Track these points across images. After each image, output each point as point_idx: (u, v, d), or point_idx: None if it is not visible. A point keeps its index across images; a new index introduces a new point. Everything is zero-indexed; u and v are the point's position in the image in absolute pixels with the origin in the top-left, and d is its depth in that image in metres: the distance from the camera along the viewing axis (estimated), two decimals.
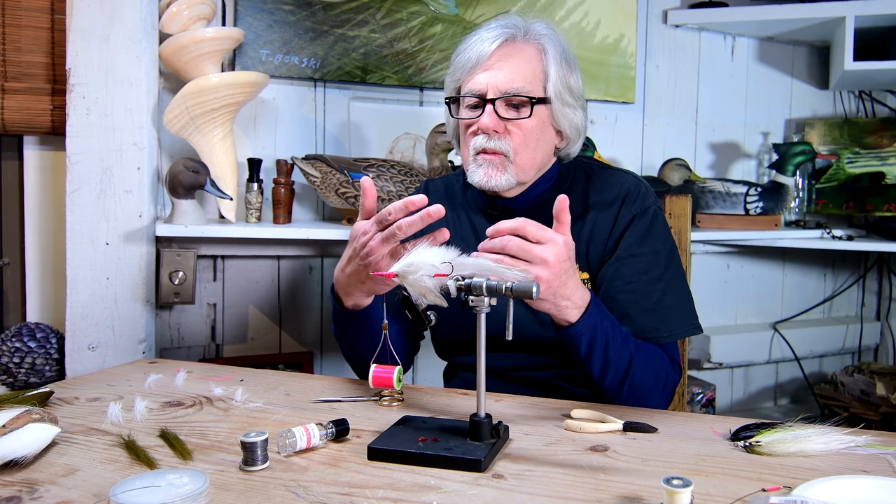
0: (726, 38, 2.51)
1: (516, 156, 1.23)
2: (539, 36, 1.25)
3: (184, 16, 1.72)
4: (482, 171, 1.23)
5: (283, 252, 2.05)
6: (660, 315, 1.22)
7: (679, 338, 1.24)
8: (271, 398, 1.16)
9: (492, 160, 1.22)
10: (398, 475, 0.85)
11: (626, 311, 1.21)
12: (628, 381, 1.14)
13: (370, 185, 1.11)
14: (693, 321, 1.25)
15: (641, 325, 1.21)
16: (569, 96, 1.26)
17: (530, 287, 0.88)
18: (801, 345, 2.55)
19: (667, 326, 1.22)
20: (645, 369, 1.15)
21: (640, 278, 1.22)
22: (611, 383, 1.13)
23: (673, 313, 1.23)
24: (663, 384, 1.19)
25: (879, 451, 0.92)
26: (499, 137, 1.22)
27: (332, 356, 2.14)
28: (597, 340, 1.09)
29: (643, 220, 1.25)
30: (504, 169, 1.23)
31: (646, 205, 1.27)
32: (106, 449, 0.93)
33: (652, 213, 1.26)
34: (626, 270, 1.23)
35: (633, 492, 0.80)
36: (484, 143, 1.22)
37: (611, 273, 1.24)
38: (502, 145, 1.22)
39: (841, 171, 2.39)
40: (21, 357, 1.65)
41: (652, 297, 1.22)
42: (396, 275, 0.94)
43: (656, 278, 1.23)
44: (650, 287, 1.22)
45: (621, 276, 1.23)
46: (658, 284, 1.23)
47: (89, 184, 1.66)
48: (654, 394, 1.18)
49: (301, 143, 2.03)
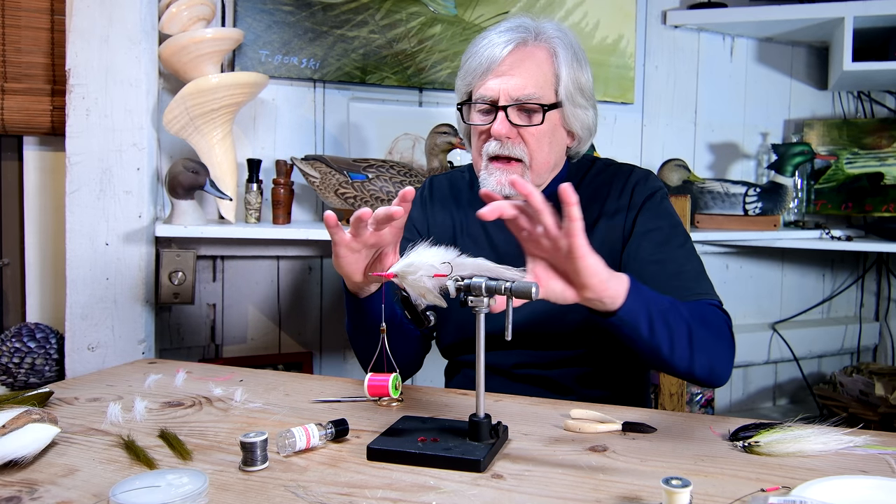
0: (725, 39, 2.51)
1: (531, 160, 1.23)
2: (550, 38, 1.24)
3: (183, 16, 1.72)
4: (494, 180, 1.22)
5: (282, 252, 2.05)
6: (692, 276, 1.20)
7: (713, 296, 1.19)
8: (271, 398, 1.16)
9: (507, 168, 1.22)
10: (397, 475, 0.85)
11: (658, 281, 1.15)
12: (696, 344, 1.05)
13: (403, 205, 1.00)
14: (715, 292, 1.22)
15: (675, 286, 1.16)
16: (580, 97, 1.26)
17: (529, 287, 0.88)
18: (799, 345, 2.55)
19: (701, 286, 1.19)
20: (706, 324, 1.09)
21: (662, 248, 1.23)
22: (681, 353, 1.05)
23: (702, 277, 1.21)
24: (728, 332, 1.13)
25: (878, 452, 0.92)
26: (512, 144, 1.22)
27: (332, 356, 2.14)
28: (654, 314, 1.01)
29: (655, 200, 1.27)
30: (521, 175, 1.23)
31: (654, 187, 1.29)
32: (105, 449, 0.93)
33: (660, 195, 1.29)
34: (648, 244, 1.23)
35: (632, 492, 0.80)
36: (497, 150, 1.22)
37: (633, 250, 1.24)
38: (517, 151, 1.22)
39: (840, 171, 2.40)
40: (21, 357, 1.65)
41: (678, 262, 1.21)
42: (396, 275, 0.94)
43: (678, 245, 1.23)
44: (674, 253, 1.22)
45: (644, 249, 1.23)
46: (681, 251, 1.23)
47: (89, 184, 1.66)
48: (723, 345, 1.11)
49: (300, 144, 2.03)
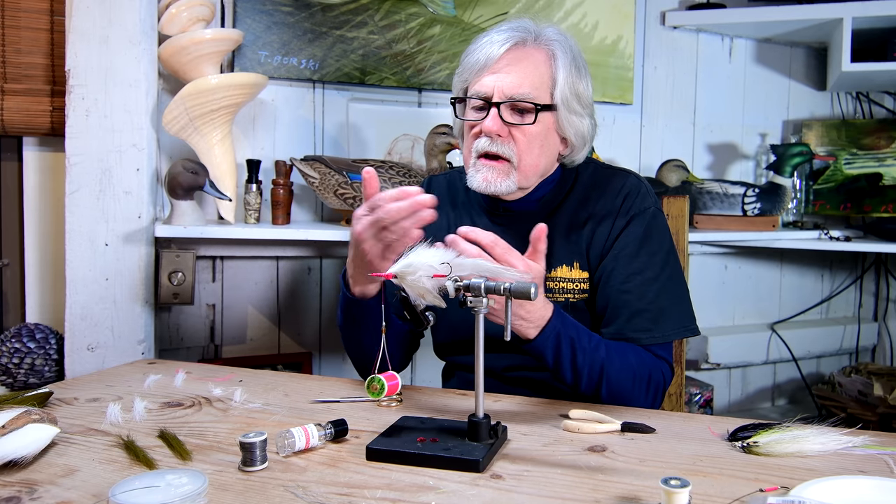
0: (724, 40, 2.51)
1: (520, 161, 1.22)
2: (549, 41, 1.24)
3: (183, 17, 1.72)
4: (481, 176, 1.23)
5: (281, 253, 2.05)
6: (653, 316, 1.22)
7: (671, 339, 1.25)
8: (270, 399, 1.16)
9: (494, 166, 1.22)
10: (397, 475, 0.85)
11: (620, 311, 1.22)
12: (605, 385, 1.15)
13: (371, 175, 1.11)
14: (688, 323, 1.26)
15: (633, 326, 1.22)
16: (576, 104, 1.25)
17: (528, 287, 0.88)
18: (798, 345, 2.55)
19: (659, 328, 1.22)
20: (621, 372, 1.16)
21: (634, 279, 1.23)
22: (586, 388, 1.15)
23: (667, 315, 1.23)
24: (646, 385, 1.20)
25: (877, 452, 0.92)
26: (502, 142, 1.21)
27: (331, 357, 2.14)
28: (562, 351, 1.12)
29: (641, 220, 1.26)
30: (507, 175, 1.23)
31: (645, 205, 1.27)
32: (105, 449, 0.94)
33: (651, 214, 1.27)
34: (622, 270, 1.23)
35: (631, 492, 0.81)
36: (486, 147, 1.22)
37: (608, 270, 1.24)
38: (506, 150, 1.22)
39: (838, 172, 2.40)
40: (20, 358, 1.65)
41: (646, 298, 1.22)
42: (395, 276, 0.94)
43: (651, 279, 1.23)
44: (645, 288, 1.23)
45: (617, 275, 1.23)
46: (653, 285, 1.23)
47: (89, 185, 1.66)
48: (636, 395, 1.18)
49: (300, 145, 2.03)
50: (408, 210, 1.04)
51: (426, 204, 1.05)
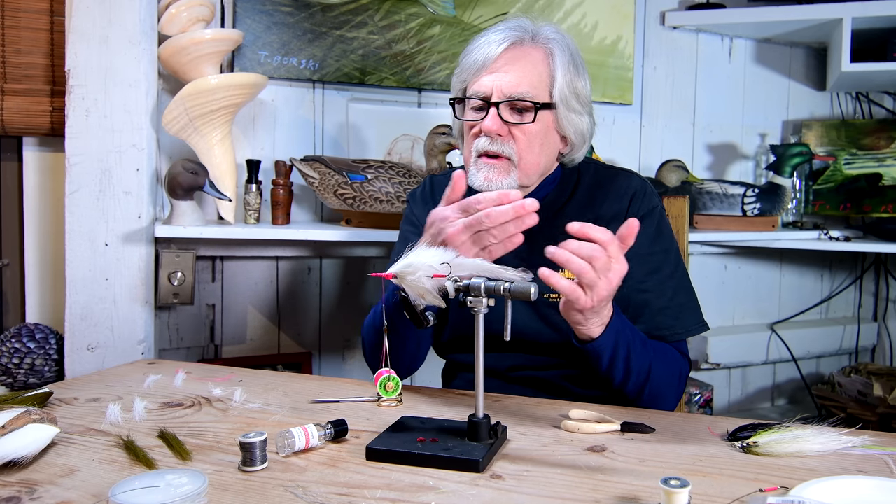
0: (724, 40, 2.51)
1: (520, 160, 1.22)
2: (547, 40, 1.24)
3: (183, 17, 1.72)
4: (482, 175, 1.23)
5: (281, 253, 2.05)
6: (674, 313, 1.24)
7: (693, 334, 1.25)
8: (270, 399, 1.16)
9: (495, 164, 1.22)
10: (396, 475, 0.85)
11: (641, 311, 1.23)
12: (648, 386, 1.16)
13: (461, 177, 1.11)
14: (702, 318, 1.28)
15: (657, 324, 1.23)
16: (575, 102, 1.25)
17: (528, 288, 0.88)
18: (798, 345, 2.55)
19: (681, 324, 1.24)
20: (663, 372, 1.17)
21: (651, 277, 1.24)
22: (632, 389, 1.15)
23: (685, 310, 1.25)
24: (678, 381, 1.22)
25: (876, 452, 0.92)
26: (502, 141, 1.21)
27: (331, 357, 2.14)
28: (619, 352, 1.11)
29: (651, 220, 1.27)
30: (507, 173, 1.22)
31: (652, 204, 1.29)
32: (105, 449, 0.94)
33: (658, 213, 1.29)
34: (638, 270, 1.22)
35: (630, 492, 0.81)
36: (486, 146, 1.22)
37: None
38: (506, 149, 1.22)
39: (838, 172, 2.40)
40: (20, 358, 1.65)
41: (665, 296, 1.24)
42: (395, 276, 0.94)
43: (668, 276, 1.25)
44: (663, 285, 1.24)
45: (633, 275, 1.22)
46: (670, 282, 1.25)
47: (88, 185, 1.66)
48: (670, 392, 1.20)
49: (299, 145, 2.03)
50: (512, 215, 1.03)
51: (530, 209, 1.02)
